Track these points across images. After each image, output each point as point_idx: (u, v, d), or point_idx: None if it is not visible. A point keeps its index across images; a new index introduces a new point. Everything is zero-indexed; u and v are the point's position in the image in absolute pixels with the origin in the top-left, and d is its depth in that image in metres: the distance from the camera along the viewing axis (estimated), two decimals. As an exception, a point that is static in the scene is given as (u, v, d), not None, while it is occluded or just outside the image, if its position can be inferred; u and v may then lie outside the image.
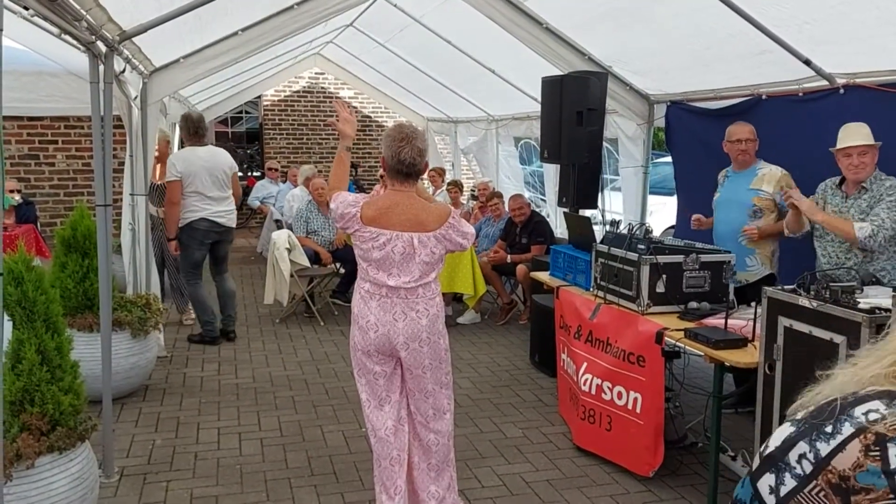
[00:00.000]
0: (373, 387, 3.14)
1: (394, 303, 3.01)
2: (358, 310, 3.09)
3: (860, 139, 3.69)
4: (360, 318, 3.07)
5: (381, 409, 3.14)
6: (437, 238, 3.03)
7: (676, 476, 3.84)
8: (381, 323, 3.02)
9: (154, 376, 5.19)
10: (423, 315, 3.04)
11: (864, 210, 3.70)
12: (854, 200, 3.76)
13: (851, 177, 3.74)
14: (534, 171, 10.67)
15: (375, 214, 2.99)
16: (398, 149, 2.98)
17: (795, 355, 2.84)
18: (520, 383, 5.36)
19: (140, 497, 3.54)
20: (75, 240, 4.52)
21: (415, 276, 3.00)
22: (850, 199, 3.79)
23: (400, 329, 3.02)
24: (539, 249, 6.84)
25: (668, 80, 5.95)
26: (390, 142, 3.01)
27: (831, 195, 3.89)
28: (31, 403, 2.87)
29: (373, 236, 2.98)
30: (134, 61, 4.68)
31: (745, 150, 4.36)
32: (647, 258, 3.79)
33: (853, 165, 3.71)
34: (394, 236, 2.97)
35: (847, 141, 3.72)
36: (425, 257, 3.00)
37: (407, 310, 3.02)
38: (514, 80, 7.98)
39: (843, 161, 3.76)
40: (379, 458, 3.15)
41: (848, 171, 3.75)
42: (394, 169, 3.03)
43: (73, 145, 9.25)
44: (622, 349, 3.85)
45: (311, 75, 13.27)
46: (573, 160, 5.52)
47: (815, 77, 4.57)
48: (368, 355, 3.09)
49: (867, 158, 3.69)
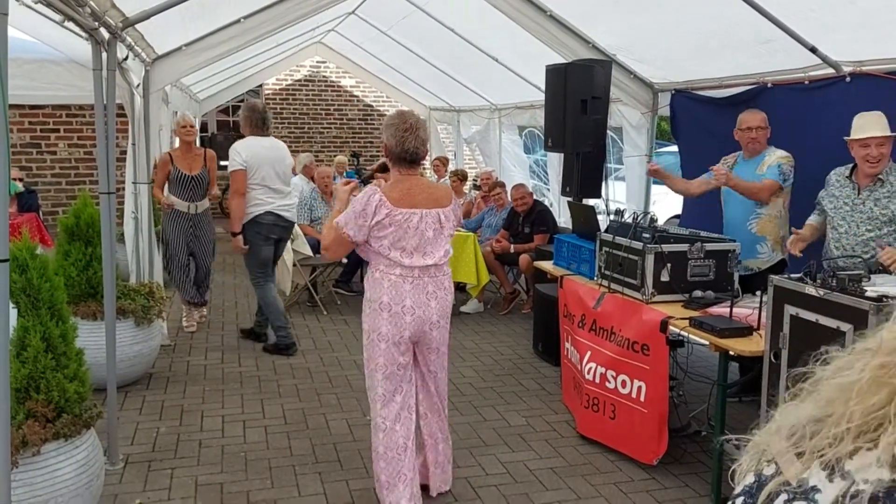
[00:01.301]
0: (392, 379, 3.15)
1: (425, 283, 3.11)
2: (389, 297, 3.08)
3: (879, 129, 3.52)
4: (393, 305, 3.07)
5: (393, 401, 3.17)
6: (453, 212, 3.23)
7: (680, 464, 3.85)
8: (417, 305, 3.09)
9: (157, 365, 5.20)
10: (448, 292, 3.23)
11: (886, 205, 3.55)
12: (870, 193, 3.61)
13: (869, 170, 3.57)
14: (538, 160, 10.65)
15: (400, 196, 3.05)
16: (402, 139, 3.06)
17: (801, 343, 2.84)
18: (523, 372, 5.36)
19: (145, 484, 3.55)
20: (79, 228, 4.51)
21: (443, 251, 3.15)
22: (865, 191, 3.63)
23: (434, 308, 3.14)
24: (542, 239, 6.84)
25: (672, 69, 5.92)
26: (394, 131, 3.06)
27: (840, 188, 3.76)
28: (37, 391, 2.87)
29: (406, 217, 3.03)
30: (137, 48, 4.67)
31: (755, 139, 4.32)
32: (652, 247, 3.78)
33: (871, 157, 3.52)
34: (423, 214, 3.07)
35: (865, 131, 3.54)
36: (449, 231, 3.19)
37: (437, 288, 3.15)
38: (518, 68, 7.94)
39: (860, 151, 3.58)
40: (386, 450, 3.16)
41: (864, 164, 3.57)
42: (399, 157, 3.11)
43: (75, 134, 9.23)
44: (626, 338, 3.84)
45: (312, 64, 13.22)
46: (577, 149, 5.50)
47: (821, 65, 4.55)
48: (398, 345, 3.11)
49: (885, 150, 3.52)
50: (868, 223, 3.61)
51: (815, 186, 4.12)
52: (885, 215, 3.56)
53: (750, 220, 4.32)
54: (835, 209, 3.76)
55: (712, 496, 3.48)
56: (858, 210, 3.64)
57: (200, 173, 5.93)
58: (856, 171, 3.72)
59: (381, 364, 3.13)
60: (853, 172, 3.74)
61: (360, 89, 13.61)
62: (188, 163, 5.90)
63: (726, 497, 3.45)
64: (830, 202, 3.80)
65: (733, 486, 0.95)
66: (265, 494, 3.48)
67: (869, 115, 3.60)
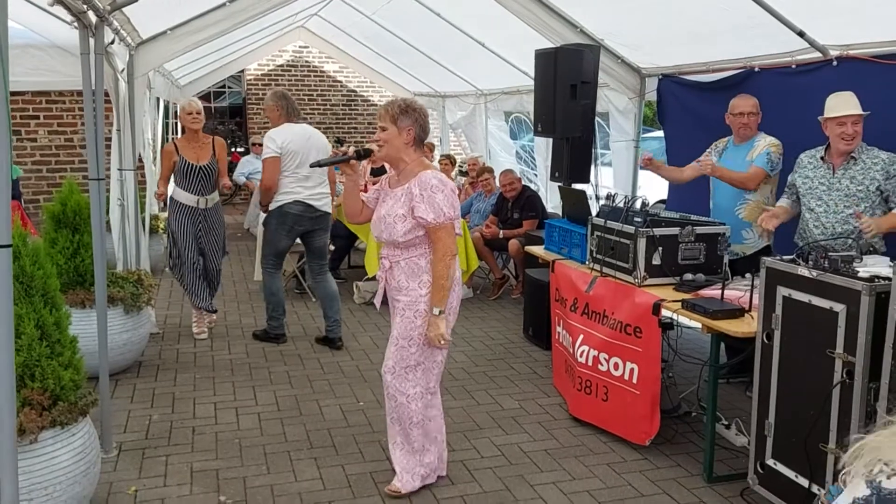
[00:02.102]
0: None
1: None
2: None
3: (854, 108, 3.67)
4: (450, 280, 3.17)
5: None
6: None
7: (671, 444, 3.90)
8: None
9: (147, 352, 5.17)
10: None
11: (861, 182, 3.70)
12: (845, 171, 3.74)
13: (844, 147, 3.71)
14: (524, 146, 10.65)
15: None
16: (425, 124, 3.20)
17: (794, 324, 2.88)
18: (514, 356, 5.40)
19: (140, 471, 3.54)
20: (65, 215, 4.46)
21: None
22: (840, 170, 3.76)
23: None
24: (531, 224, 6.86)
25: (659, 54, 5.94)
26: (419, 116, 3.16)
27: (813, 168, 3.86)
28: (32, 378, 2.84)
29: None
30: (122, 32, 4.60)
31: (746, 124, 4.36)
32: (644, 231, 3.81)
33: (847, 135, 3.67)
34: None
35: (841, 109, 3.68)
36: None
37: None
38: (505, 53, 7.92)
39: (836, 129, 3.71)
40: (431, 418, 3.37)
41: (840, 141, 3.71)
42: (422, 140, 3.21)
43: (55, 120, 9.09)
44: (619, 321, 3.88)
45: (294, 49, 13.10)
46: (567, 134, 5.51)
47: (809, 49, 4.59)
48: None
49: (859, 128, 3.67)
50: (846, 200, 3.74)
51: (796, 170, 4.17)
52: (861, 191, 3.69)
53: (737, 205, 4.38)
54: (809, 189, 3.86)
55: (704, 475, 3.53)
56: (835, 189, 3.76)
57: (209, 163, 5.44)
58: (828, 151, 3.84)
59: (445, 336, 3.20)
60: (826, 153, 3.84)
61: (343, 74, 13.51)
62: (195, 152, 5.43)
63: (718, 476, 3.51)
64: (804, 183, 3.90)
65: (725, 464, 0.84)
66: (262, 480, 3.48)
67: (842, 94, 3.73)
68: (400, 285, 3.19)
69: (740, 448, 3.81)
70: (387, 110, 3.14)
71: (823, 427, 2.77)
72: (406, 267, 3.17)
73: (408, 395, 3.25)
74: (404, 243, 3.13)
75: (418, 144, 3.19)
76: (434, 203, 3.05)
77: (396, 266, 3.20)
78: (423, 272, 3.15)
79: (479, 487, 3.44)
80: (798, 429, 2.88)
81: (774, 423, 3.02)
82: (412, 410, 3.26)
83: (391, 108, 3.14)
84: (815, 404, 2.79)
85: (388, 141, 3.14)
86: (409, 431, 3.30)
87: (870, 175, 3.69)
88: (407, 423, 3.28)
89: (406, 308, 3.18)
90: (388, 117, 3.12)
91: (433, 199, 3.05)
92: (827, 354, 2.72)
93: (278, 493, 3.36)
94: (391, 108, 3.13)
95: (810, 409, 2.82)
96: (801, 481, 2.88)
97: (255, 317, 6.28)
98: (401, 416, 3.28)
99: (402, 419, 3.29)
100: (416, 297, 3.15)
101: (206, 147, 5.51)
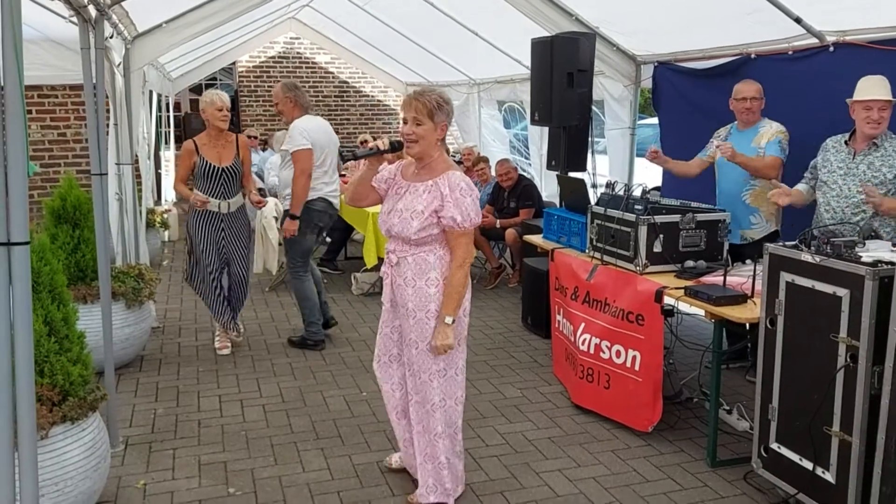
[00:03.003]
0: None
1: None
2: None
3: (882, 93, 3.60)
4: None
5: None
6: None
7: (674, 430, 3.94)
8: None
9: (149, 347, 5.17)
10: None
11: (878, 168, 3.66)
12: (864, 157, 3.71)
13: (868, 131, 3.64)
14: (517, 135, 10.65)
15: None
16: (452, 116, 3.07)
17: (798, 309, 2.92)
18: (514, 345, 5.43)
19: (148, 465, 3.55)
20: (65, 210, 4.44)
21: None
22: (860, 155, 3.73)
23: None
24: (527, 213, 6.88)
25: (655, 41, 5.95)
26: (450, 110, 3.00)
27: (835, 152, 3.86)
28: (41, 374, 2.85)
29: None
30: (120, 26, 4.57)
31: (749, 109, 4.37)
32: (645, 218, 3.84)
33: (872, 120, 3.60)
34: None
35: (870, 93, 3.61)
36: None
37: None
38: (498, 42, 7.91)
39: (862, 114, 3.65)
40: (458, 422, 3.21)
41: (865, 125, 3.64)
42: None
43: (48, 115, 9.00)
44: (621, 308, 3.91)
45: (286, 40, 13.03)
46: (564, 122, 5.53)
47: (805, 35, 4.61)
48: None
49: (886, 114, 3.61)
50: (860, 186, 3.69)
51: (799, 156, 4.20)
52: (877, 178, 3.66)
53: (744, 191, 4.40)
54: (829, 173, 3.85)
55: (708, 460, 3.57)
56: (852, 173, 3.75)
57: (233, 164, 4.94)
58: (853, 136, 3.81)
59: (463, 337, 3.11)
60: (851, 137, 3.82)
61: (335, 66, 13.45)
62: (217, 152, 4.92)
63: (721, 460, 3.56)
64: (825, 166, 3.89)
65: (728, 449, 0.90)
66: (270, 471, 3.50)
67: (873, 78, 3.67)
68: (407, 282, 3.01)
69: (742, 433, 3.86)
70: (424, 104, 2.90)
71: (827, 410, 2.81)
72: (414, 263, 2.99)
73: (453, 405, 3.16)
74: (416, 240, 2.96)
75: (443, 140, 3.07)
76: (463, 206, 2.91)
77: (404, 262, 3.01)
78: (432, 269, 2.97)
79: (485, 475, 3.48)
80: (802, 413, 2.92)
81: (778, 407, 3.06)
82: (455, 417, 3.17)
83: (428, 101, 2.91)
84: (819, 388, 2.83)
85: (425, 137, 2.94)
86: (452, 439, 3.17)
87: (888, 162, 3.65)
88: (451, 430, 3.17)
89: (417, 310, 2.99)
90: (425, 111, 2.90)
91: (463, 202, 2.91)
92: (831, 339, 2.76)
93: (287, 484, 3.38)
94: (428, 102, 2.91)
95: (814, 393, 2.86)
96: (806, 464, 2.93)
97: (255, 309, 6.28)
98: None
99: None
100: (426, 296, 2.98)
101: (230, 146, 4.99)
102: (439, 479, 3.12)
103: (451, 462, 3.15)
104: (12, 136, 1.69)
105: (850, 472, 2.74)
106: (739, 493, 3.31)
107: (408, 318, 3.02)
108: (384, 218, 3.08)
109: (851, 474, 2.73)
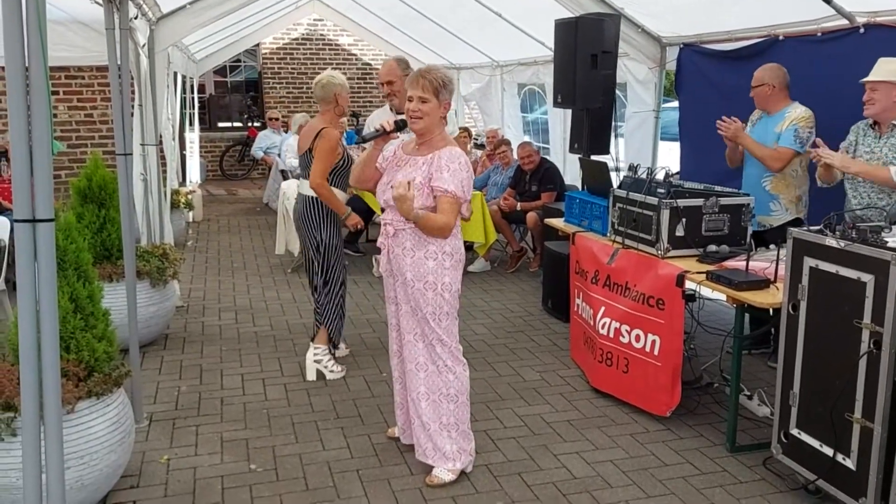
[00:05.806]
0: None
1: None
2: (453, 247, 3.14)
3: (872, 74, 3.64)
4: (459, 254, 3.18)
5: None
6: None
7: (694, 415, 3.93)
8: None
9: (173, 325, 5.25)
10: None
11: None
12: (887, 139, 3.70)
13: (864, 112, 3.73)
14: (536, 119, 10.57)
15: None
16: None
17: (821, 295, 2.88)
18: (534, 329, 5.43)
19: (171, 441, 3.62)
20: (91, 190, 4.51)
21: None
22: (883, 137, 3.72)
23: None
24: (549, 197, 6.85)
25: (681, 22, 5.86)
26: (452, 87, 3.11)
27: (863, 135, 3.84)
28: (67, 350, 2.91)
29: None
30: (144, 7, 4.60)
31: (758, 94, 4.33)
32: (668, 202, 3.80)
33: (864, 100, 3.69)
34: None
35: (869, 75, 3.67)
36: None
37: None
38: (521, 24, 7.85)
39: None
40: (460, 393, 3.26)
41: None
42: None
43: (75, 96, 9.12)
44: (641, 293, 3.89)
45: (309, 22, 13.04)
46: (587, 104, 5.47)
47: (835, 16, 4.51)
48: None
49: (876, 95, 3.64)
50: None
51: (829, 141, 4.11)
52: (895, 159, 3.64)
53: (764, 177, 4.34)
54: (857, 154, 3.82)
55: (727, 444, 3.56)
56: (877, 156, 3.72)
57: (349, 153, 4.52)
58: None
59: (454, 311, 3.19)
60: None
61: (358, 47, 13.45)
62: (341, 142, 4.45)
63: (740, 446, 3.54)
64: (853, 150, 3.87)
65: (748, 434, 0.91)
66: (290, 449, 3.55)
67: (883, 60, 3.67)
68: (405, 252, 3.10)
69: (762, 418, 3.83)
70: (430, 81, 3.01)
71: (849, 397, 2.78)
72: (413, 234, 3.07)
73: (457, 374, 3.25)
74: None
75: (445, 117, 3.17)
76: (457, 177, 3.04)
77: (402, 233, 3.09)
78: (429, 242, 3.07)
79: (503, 457, 3.50)
80: (824, 399, 2.90)
81: (799, 393, 3.03)
82: (458, 387, 3.25)
83: (433, 79, 3.02)
84: (841, 374, 2.80)
85: (430, 114, 3.05)
86: (457, 408, 3.27)
87: None
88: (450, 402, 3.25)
89: (415, 280, 3.09)
90: (431, 89, 3.01)
91: (459, 174, 3.04)
92: (854, 325, 2.73)
93: (307, 462, 3.43)
94: (434, 80, 3.02)
95: (836, 380, 2.83)
96: (826, 450, 2.90)
97: (277, 290, 6.34)
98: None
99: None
100: (424, 267, 3.08)
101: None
102: (436, 444, 3.26)
103: (438, 430, 3.24)
104: (36, 115, 1.71)
105: (870, 459, 2.72)
106: (759, 479, 3.30)
107: (405, 287, 3.15)
108: (383, 189, 3.18)
109: (872, 461, 2.71)
